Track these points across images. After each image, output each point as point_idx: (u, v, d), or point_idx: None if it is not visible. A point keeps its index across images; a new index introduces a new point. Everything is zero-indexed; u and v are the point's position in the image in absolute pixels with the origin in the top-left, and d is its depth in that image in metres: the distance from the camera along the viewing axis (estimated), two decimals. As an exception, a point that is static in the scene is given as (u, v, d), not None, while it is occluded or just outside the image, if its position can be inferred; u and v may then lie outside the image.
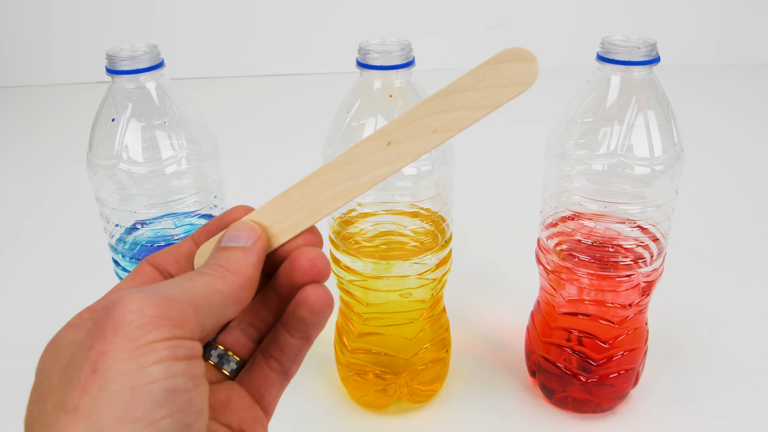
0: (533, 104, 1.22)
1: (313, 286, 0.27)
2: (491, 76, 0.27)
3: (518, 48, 0.27)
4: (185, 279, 0.24)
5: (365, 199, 0.47)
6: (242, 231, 0.27)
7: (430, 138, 0.28)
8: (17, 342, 0.61)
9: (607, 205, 0.45)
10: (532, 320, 0.53)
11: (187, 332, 0.22)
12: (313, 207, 0.28)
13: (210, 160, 0.49)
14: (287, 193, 0.28)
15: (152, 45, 0.45)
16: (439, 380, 0.53)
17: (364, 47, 0.43)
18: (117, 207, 0.47)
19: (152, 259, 0.28)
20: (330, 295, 0.27)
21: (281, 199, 0.28)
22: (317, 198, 0.28)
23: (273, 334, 0.28)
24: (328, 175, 0.28)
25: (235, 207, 0.29)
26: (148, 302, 0.22)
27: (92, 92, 1.28)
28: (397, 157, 0.28)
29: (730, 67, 1.41)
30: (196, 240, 0.29)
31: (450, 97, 0.27)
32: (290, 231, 0.28)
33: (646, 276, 0.46)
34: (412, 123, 0.28)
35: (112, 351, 0.21)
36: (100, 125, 0.45)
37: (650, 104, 0.42)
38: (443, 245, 0.48)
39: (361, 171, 0.28)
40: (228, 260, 0.26)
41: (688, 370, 0.56)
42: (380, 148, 0.28)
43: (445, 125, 0.27)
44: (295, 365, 0.29)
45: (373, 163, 0.28)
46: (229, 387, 0.28)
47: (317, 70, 1.44)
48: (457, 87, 0.27)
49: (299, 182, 0.28)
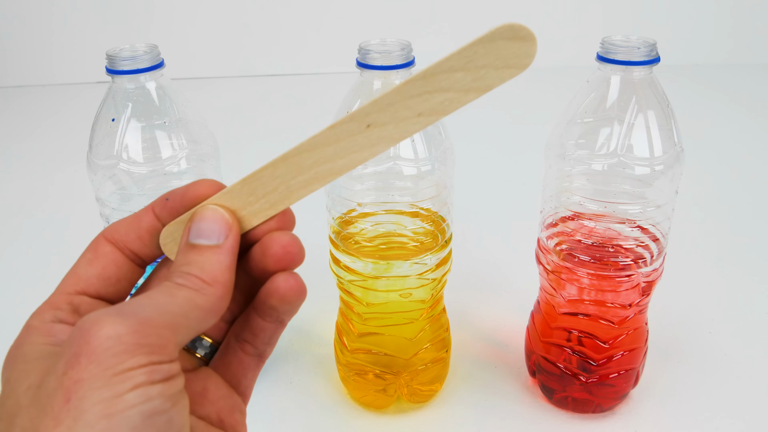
0: (533, 104, 1.23)
1: (283, 275, 0.26)
2: (483, 56, 0.24)
3: (515, 24, 0.24)
4: (163, 294, 0.23)
5: (365, 199, 0.47)
6: (212, 224, 0.25)
7: (414, 122, 0.25)
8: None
9: (607, 205, 0.45)
10: (532, 320, 0.53)
11: (165, 357, 0.22)
12: (287, 189, 0.26)
13: (210, 160, 0.49)
14: (258, 174, 0.26)
15: (152, 45, 0.45)
16: (439, 380, 0.53)
17: (364, 47, 0.43)
18: (117, 207, 0.47)
19: (110, 235, 0.26)
20: (302, 283, 0.26)
21: (251, 180, 0.26)
22: (291, 180, 0.26)
23: (245, 317, 0.27)
24: (302, 157, 0.26)
25: (201, 180, 0.27)
26: (126, 328, 0.21)
27: (92, 92, 1.28)
28: (377, 141, 0.26)
29: (730, 67, 1.41)
30: (158, 214, 0.27)
31: (437, 77, 0.25)
32: (262, 214, 0.27)
33: (646, 276, 0.46)
34: (395, 105, 0.25)
35: (86, 379, 0.20)
36: (100, 125, 0.45)
37: (650, 104, 0.42)
38: (443, 245, 0.48)
39: (338, 154, 0.26)
40: (203, 268, 0.24)
41: (688, 370, 0.56)
42: (359, 131, 0.26)
43: (430, 108, 0.25)
44: (270, 347, 0.28)
45: (351, 146, 0.26)
46: (204, 376, 0.27)
47: (317, 70, 1.44)
48: (445, 66, 0.25)
49: (270, 163, 0.26)
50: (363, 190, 0.46)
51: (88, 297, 0.26)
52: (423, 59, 0.53)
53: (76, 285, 0.26)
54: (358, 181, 0.46)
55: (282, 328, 0.27)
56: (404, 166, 0.44)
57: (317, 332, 0.62)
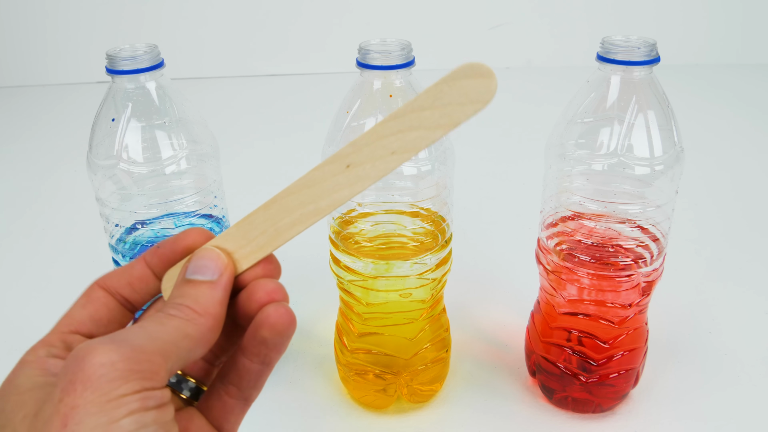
0: (533, 104, 1.23)
1: (274, 305, 0.26)
2: (448, 94, 0.26)
3: (476, 63, 0.26)
4: (154, 323, 0.24)
5: (365, 199, 0.47)
6: (208, 261, 0.26)
7: (389, 160, 0.27)
8: (16, 342, 0.61)
9: (607, 205, 0.45)
10: (532, 320, 0.53)
11: (157, 383, 0.22)
12: (275, 232, 0.28)
13: (210, 160, 0.49)
14: (250, 218, 0.28)
15: (152, 45, 0.45)
16: (439, 380, 0.53)
17: (364, 47, 0.43)
18: (117, 207, 0.47)
19: (103, 282, 0.28)
20: (292, 314, 0.26)
21: (244, 224, 0.28)
22: (278, 222, 0.28)
23: (232, 360, 0.28)
24: (288, 199, 0.28)
25: (191, 229, 0.28)
26: (119, 355, 0.22)
27: (92, 92, 1.28)
28: (356, 179, 0.27)
29: (730, 67, 1.41)
30: (148, 262, 0.28)
31: (407, 117, 0.27)
32: (252, 256, 0.28)
33: (646, 276, 0.46)
34: (371, 145, 0.27)
35: (82, 405, 0.21)
36: (100, 125, 0.45)
37: (650, 104, 0.42)
38: (443, 245, 0.48)
39: (321, 194, 0.27)
40: (196, 300, 0.25)
41: (688, 370, 0.56)
42: (339, 171, 0.27)
43: (402, 146, 0.27)
44: (256, 391, 0.28)
45: (333, 186, 0.27)
46: (188, 416, 0.27)
47: (317, 70, 1.44)
48: (414, 106, 0.26)
49: (261, 206, 0.28)
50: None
51: (81, 336, 0.27)
52: (423, 59, 0.53)
53: (69, 325, 0.27)
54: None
55: (268, 372, 0.28)
56: (404, 166, 0.44)
57: (317, 332, 0.62)
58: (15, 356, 0.25)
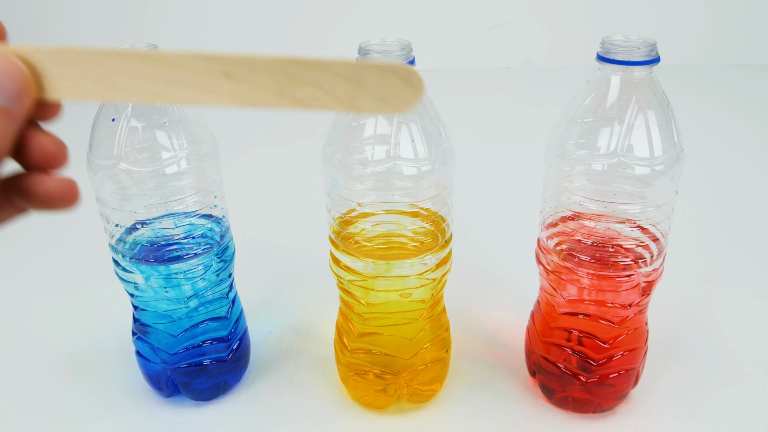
0: (533, 104, 1.23)
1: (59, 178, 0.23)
2: (372, 79, 0.24)
3: (415, 70, 0.24)
4: None
5: (365, 199, 0.47)
6: (8, 81, 0.22)
7: (270, 97, 0.24)
8: (16, 342, 0.61)
9: (607, 205, 0.45)
10: (532, 320, 0.53)
11: None
12: (105, 86, 0.24)
13: (210, 160, 0.49)
14: (80, 51, 0.24)
15: (152, 45, 0.45)
16: (439, 380, 0.53)
17: (364, 47, 0.43)
18: (117, 207, 0.47)
19: None
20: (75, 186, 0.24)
21: (70, 53, 0.23)
22: (114, 79, 0.24)
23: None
24: (138, 63, 0.24)
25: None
26: None
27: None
28: (223, 93, 0.24)
29: (730, 67, 1.41)
30: None
31: (320, 72, 0.24)
32: (65, 93, 0.24)
33: (646, 276, 0.46)
34: (266, 72, 0.24)
35: None
36: (100, 125, 0.45)
37: (650, 104, 0.42)
38: (443, 245, 0.48)
39: (179, 82, 0.24)
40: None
41: (688, 370, 0.56)
42: (213, 73, 0.24)
43: (294, 95, 0.24)
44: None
45: (196, 82, 0.24)
46: None
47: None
48: (334, 67, 0.24)
49: (101, 49, 0.24)
50: (363, 190, 0.46)
51: None
52: (423, 59, 0.53)
53: None
54: (359, 181, 0.46)
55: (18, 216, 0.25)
56: (404, 166, 0.44)
57: (317, 332, 0.62)
58: (15, 356, 0.25)
